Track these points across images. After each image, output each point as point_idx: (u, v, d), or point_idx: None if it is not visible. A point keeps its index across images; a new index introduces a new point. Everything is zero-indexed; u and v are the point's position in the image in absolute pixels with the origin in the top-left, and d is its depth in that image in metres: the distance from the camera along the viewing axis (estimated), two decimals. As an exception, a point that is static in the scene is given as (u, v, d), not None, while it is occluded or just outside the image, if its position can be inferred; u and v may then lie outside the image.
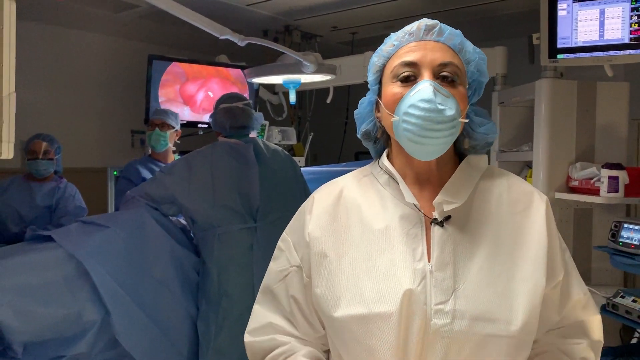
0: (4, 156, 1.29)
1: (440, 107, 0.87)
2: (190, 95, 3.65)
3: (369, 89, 1.05)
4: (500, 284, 0.90)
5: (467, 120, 0.96)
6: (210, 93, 3.69)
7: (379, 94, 1.00)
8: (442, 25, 0.96)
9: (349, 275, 0.93)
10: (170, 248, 2.19)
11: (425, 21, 0.95)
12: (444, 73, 0.92)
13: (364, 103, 1.04)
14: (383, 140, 1.05)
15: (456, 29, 0.97)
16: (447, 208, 0.92)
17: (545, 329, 0.99)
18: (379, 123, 1.02)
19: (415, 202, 0.94)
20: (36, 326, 1.77)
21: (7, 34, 1.25)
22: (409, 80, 0.93)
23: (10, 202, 2.94)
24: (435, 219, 0.93)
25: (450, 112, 0.88)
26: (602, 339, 1.04)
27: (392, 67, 0.95)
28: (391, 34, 0.99)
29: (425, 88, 0.89)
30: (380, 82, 1.00)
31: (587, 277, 2.42)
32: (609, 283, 2.39)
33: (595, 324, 1.02)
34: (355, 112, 1.06)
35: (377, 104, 1.01)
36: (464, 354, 0.87)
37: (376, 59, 1.00)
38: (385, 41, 1.00)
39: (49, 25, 3.58)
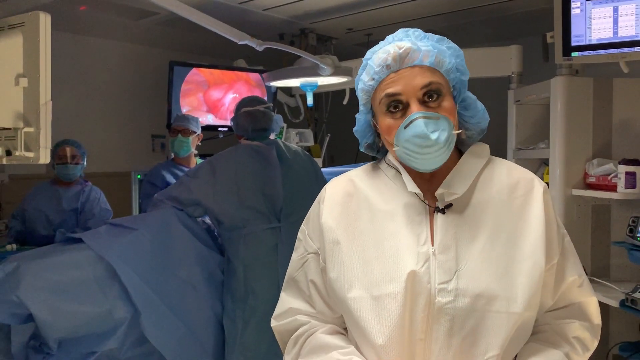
0: (42, 161, 1.36)
1: (433, 136, 0.95)
2: (217, 100, 3.72)
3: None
4: (501, 264, 0.97)
5: (460, 132, 1.03)
6: (237, 95, 3.77)
7: (374, 115, 1.07)
8: (414, 47, 0.99)
9: (360, 260, 1.02)
10: (196, 249, 2.24)
11: (396, 48, 1.00)
12: (428, 93, 0.98)
13: (361, 121, 1.11)
14: (386, 147, 1.10)
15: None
16: (448, 199, 1.01)
17: (541, 311, 1.04)
18: (379, 134, 1.08)
19: (418, 191, 1.02)
20: (70, 323, 1.84)
21: (44, 45, 1.32)
22: (399, 109, 1.00)
23: (39, 206, 3.04)
24: (438, 207, 1.01)
25: (443, 135, 0.96)
26: (600, 323, 1.08)
27: (379, 100, 1.02)
28: (367, 56, 1.05)
29: (416, 124, 0.96)
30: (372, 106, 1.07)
31: (605, 273, 2.43)
32: (628, 279, 2.39)
33: (592, 306, 1.08)
34: (355, 129, 1.12)
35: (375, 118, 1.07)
36: (467, 328, 0.95)
37: (361, 94, 1.07)
38: (363, 63, 1.06)
39: (70, 34, 3.66)
